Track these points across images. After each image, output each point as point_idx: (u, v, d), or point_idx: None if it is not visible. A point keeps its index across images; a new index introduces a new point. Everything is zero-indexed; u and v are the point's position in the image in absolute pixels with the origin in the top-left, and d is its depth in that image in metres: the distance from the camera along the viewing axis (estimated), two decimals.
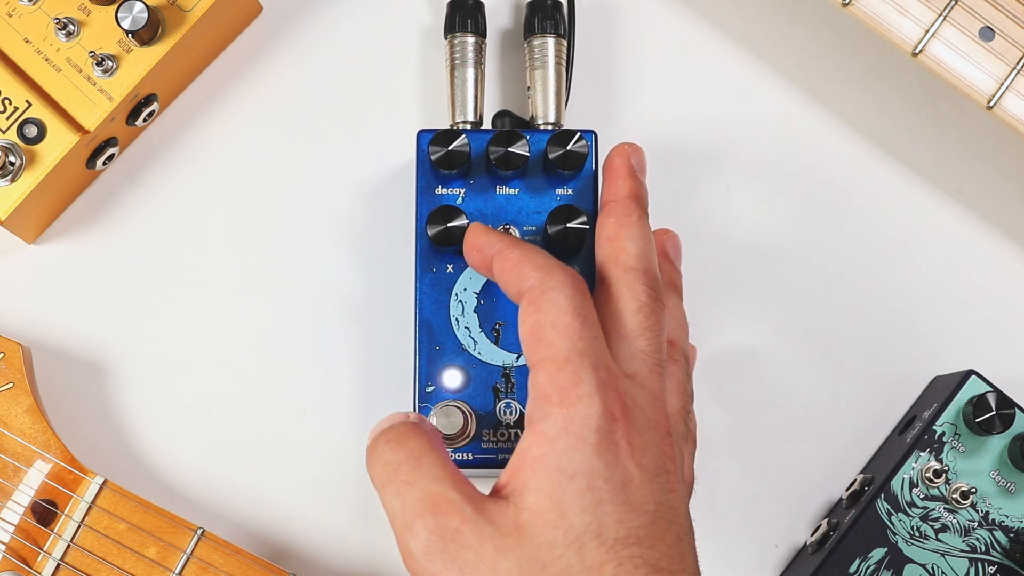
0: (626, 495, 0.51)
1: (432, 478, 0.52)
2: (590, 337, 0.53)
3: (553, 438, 0.52)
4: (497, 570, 0.50)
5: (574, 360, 0.53)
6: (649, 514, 0.51)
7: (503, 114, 0.69)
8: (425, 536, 0.51)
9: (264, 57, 0.72)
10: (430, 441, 0.54)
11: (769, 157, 0.72)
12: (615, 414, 0.52)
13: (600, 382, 0.52)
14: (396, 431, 0.55)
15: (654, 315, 0.56)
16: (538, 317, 0.54)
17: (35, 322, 0.69)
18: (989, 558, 0.65)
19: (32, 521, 0.64)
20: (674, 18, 0.72)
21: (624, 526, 0.51)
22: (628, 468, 0.51)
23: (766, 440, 0.70)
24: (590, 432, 0.51)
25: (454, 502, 0.51)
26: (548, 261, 0.56)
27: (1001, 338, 0.71)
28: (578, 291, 0.55)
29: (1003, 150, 0.72)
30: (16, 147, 0.65)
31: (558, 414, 0.52)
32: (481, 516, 0.51)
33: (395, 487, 0.53)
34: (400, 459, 0.53)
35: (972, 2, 0.63)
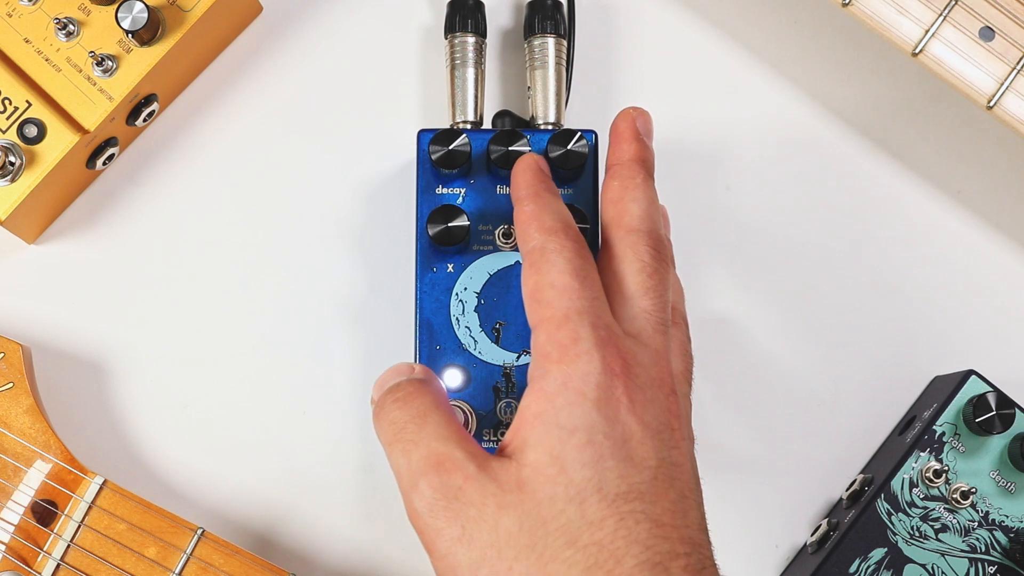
0: (627, 451, 0.51)
1: (437, 436, 0.53)
2: (589, 296, 0.54)
3: (552, 395, 0.52)
4: (499, 526, 0.51)
5: (572, 318, 0.53)
6: (650, 470, 0.51)
7: (503, 114, 0.69)
8: (429, 494, 0.52)
9: (264, 57, 0.72)
10: (436, 399, 0.55)
11: (769, 157, 0.72)
12: (615, 370, 0.52)
13: (599, 339, 0.52)
14: (403, 389, 0.55)
15: (657, 275, 0.56)
16: (537, 279, 0.55)
17: (35, 322, 0.69)
18: (989, 558, 0.65)
19: (32, 521, 0.64)
20: (674, 18, 0.72)
21: (625, 481, 0.51)
22: (628, 424, 0.52)
23: (766, 440, 0.70)
24: (589, 388, 0.52)
25: (457, 460, 0.52)
26: (555, 222, 0.56)
27: (1001, 338, 0.71)
28: (578, 253, 0.55)
29: (1003, 150, 0.72)
30: (16, 147, 0.65)
31: (557, 371, 0.52)
32: (484, 473, 0.51)
33: (401, 445, 0.53)
34: (406, 418, 0.54)
35: (972, 2, 0.63)
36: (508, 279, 0.65)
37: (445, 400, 0.55)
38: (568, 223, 0.57)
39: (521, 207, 0.58)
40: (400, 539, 0.68)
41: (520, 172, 0.60)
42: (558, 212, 0.57)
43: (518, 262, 0.65)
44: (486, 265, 0.65)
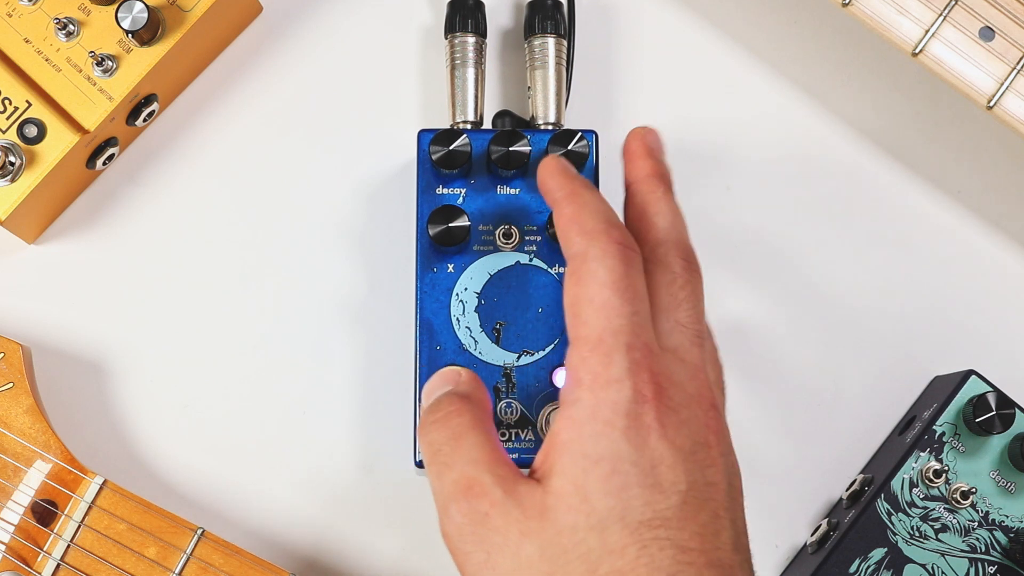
0: (654, 477, 0.50)
1: (469, 460, 0.53)
2: (628, 313, 0.52)
3: (581, 424, 0.51)
4: (520, 553, 0.51)
5: (607, 341, 0.52)
6: (680, 494, 0.51)
7: (503, 114, 0.69)
8: (458, 519, 0.52)
9: (264, 57, 0.72)
10: (474, 418, 0.54)
11: (769, 157, 0.72)
12: (646, 396, 0.51)
13: (633, 363, 0.52)
14: (443, 408, 0.55)
15: (690, 285, 0.55)
16: (577, 291, 0.53)
17: (35, 322, 0.69)
18: (989, 558, 0.65)
19: (32, 521, 0.64)
20: (674, 18, 0.72)
21: (650, 508, 0.50)
22: (658, 450, 0.51)
23: (766, 440, 0.70)
24: (618, 417, 0.51)
25: (486, 485, 0.52)
26: (596, 223, 0.54)
27: (1001, 338, 0.71)
28: (623, 259, 0.53)
29: (1003, 150, 0.72)
30: (16, 147, 0.65)
31: (587, 399, 0.51)
32: (510, 499, 0.51)
33: (436, 468, 0.53)
34: (442, 440, 0.54)
35: (972, 2, 0.63)
36: (508, 279, 0.65)
37: (484, 415, 0.55)
38: (610, 221, 0.55)
39: (560, 210, 0.56)
40: (400, 539, 0.68)
41: (549, 175, 0.58)
42: (598, 210, 0.55)
43: (518, 262, 0.65)
44: (486, 265, 0.65)
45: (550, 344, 0.64)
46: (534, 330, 0.64)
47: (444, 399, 0.55)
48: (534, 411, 0.64)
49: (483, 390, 0.57)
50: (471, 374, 0.57)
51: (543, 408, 0.64)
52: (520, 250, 0.65)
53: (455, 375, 0.57)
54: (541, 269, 0.65)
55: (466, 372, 0.57)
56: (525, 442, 0.64)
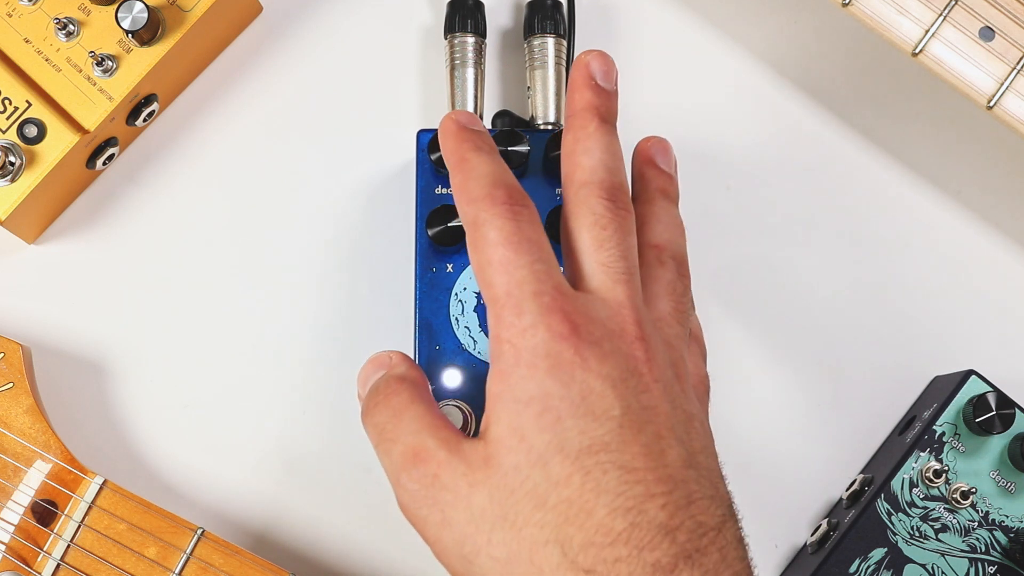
0: (586, 407, 0.51)
1: (411, 431, 0.54)
2: (527, 263, 0.53)
3: (507, 373, 0.53)
4: (472, 504, 0.52)
5: (513, 293, 0.53)
6: (614, 419, 0.51)
7: (503, 114, 0.69)
8: (411, 486, 0.53)
9: (264, 57, 0.72)
10: (412, 393, 0.56)
11: (769, 156, 0.72)
12: (563, 334, 0.52)
13: (542, 307, 0.53)
14: (381, 392, 0.56)
15: (612, 225, 0.55)
16: (477, 258, 0.55)
17: (35, 322, 0.69)
18: (989, 558, 0.65)
19: (32, 521, 0.64)
20: (673, 18, 0.72)
21: (587, 436, 0.51)
22: (585, 381, 0.52)
23: (766, 440, 0.70)
24: (539, 359, 0.52)
25: (430, 449, 0.53)
26: (480, 188, 0.55)
27: (1001, 338, 0.71)
28: (509, 218, 0.54)
29: (1003, 150, 0.72)
30: (16, 147, 0.65)
31: (508, 350, 0.53)
32: (455, 456, 0.53)
33: (384, 446, 0.55)
34: (385, 419, 0.55)
35: (972, 2, 0.63)
36: None
37: (422, 390, 0.56)
38: (495, 182, 0.55)
39: (452, 179, 0.57)
40: (400, 539, 0.68)
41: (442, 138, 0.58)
42: (483, 174, 0.56)
43: None
44: None
45: None
46: None
47: (380, 383, 0.57)
48: None
49: (417, 369, 0.58)
50: (401, 355, 0.58)
51: None
52: None
53: (386, 358, 0.58)
54: None
55: (396, 354, 0.58)
56: None
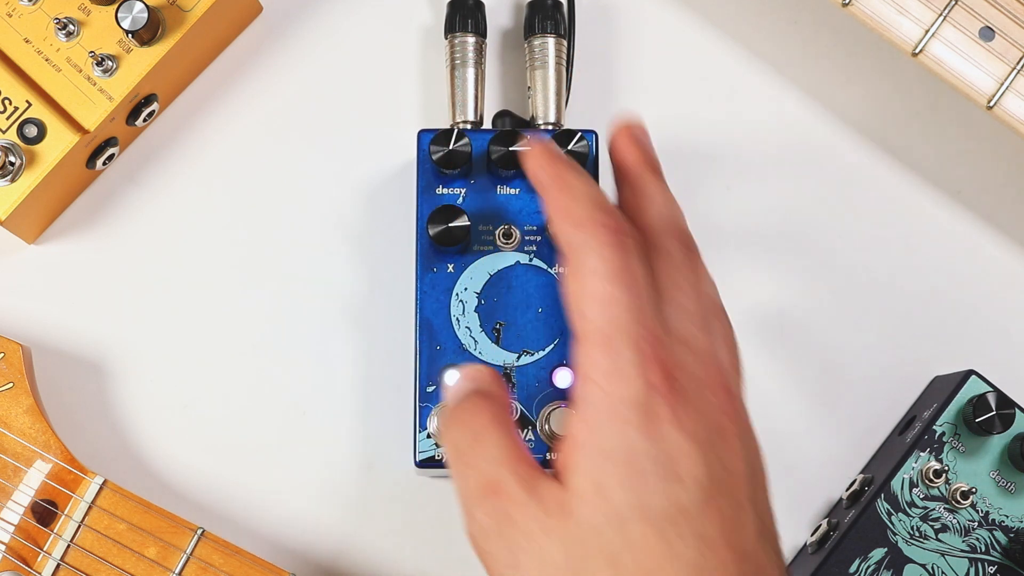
0: (672, 468, 0.50)
1: (490, 459, 0.52)
2: (629, 303, 0.51)
3: (594, 421, 0.51)
4: (544, 551, 0.50)
5: (612, 336, 0.51)
6: (699, 483, 0.50)
7: (503, 114, 0.69)
8: (483, 520, 0.52)
9: (264, 57, 0.72)
10: (494, 416, 0.54)
11: (769, 157, 0.72)
12: (657, 386, 0.51)
13: (640, 355, 0.51)
14: (464, 409, 0.54)
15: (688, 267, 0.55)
16: (575, 286, 0.52)
17: (35, 322, 0.69)
18: (989, 558, 0.65)
19: (32, 521, 0.64)
20: (674, 18, 0.72)
21: (669, 500, 0.50)
22: (674, 441, 0.50)
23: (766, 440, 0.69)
24: (630, 411, 0.50)
25: (507, 486, 0.52)
26: (586, 211, 0.53)
27: (1001, 338, 0.71)
28: (617, 248, 0.52)
29: (1003, 150, 0.72)
30: (16, 147, 0.65)
31: (598, 396, 0.51)
32: (532, 498, 0.51)
33: (459, 468, 0.53)
34: (463, 439, 0.53)
35: (972, 2, 0.63)
36: (508, 279, 0.65)
37: (504, 412, 0.54)
38: (601, 206, 0.53)
39: (548, 199, 0.55)
40: (400, 539, 0.68)
41: (533, 160, 0.56)
42: (587, 196, 0.54)
43: (518, 262, 0.65)
44: (486, 265, 0.65)
45: (550, 344, 0.64)
46: (534, 330, 0.64)
47: (464, 398, 0.55)
48: (534, 411, 0.64)
49: (503, 387, 0.56)
50: (492, 371, 0.56)
51: (543, 408, 0.64)
52: (520, 250, 0.65)
53: (477, 375, 0.56)
54: (541, 269, 0.65)
55: (488, 371, 0.56)
56: (525, 442, 0.64)
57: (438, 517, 0.68)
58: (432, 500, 0.69)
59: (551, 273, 0.65)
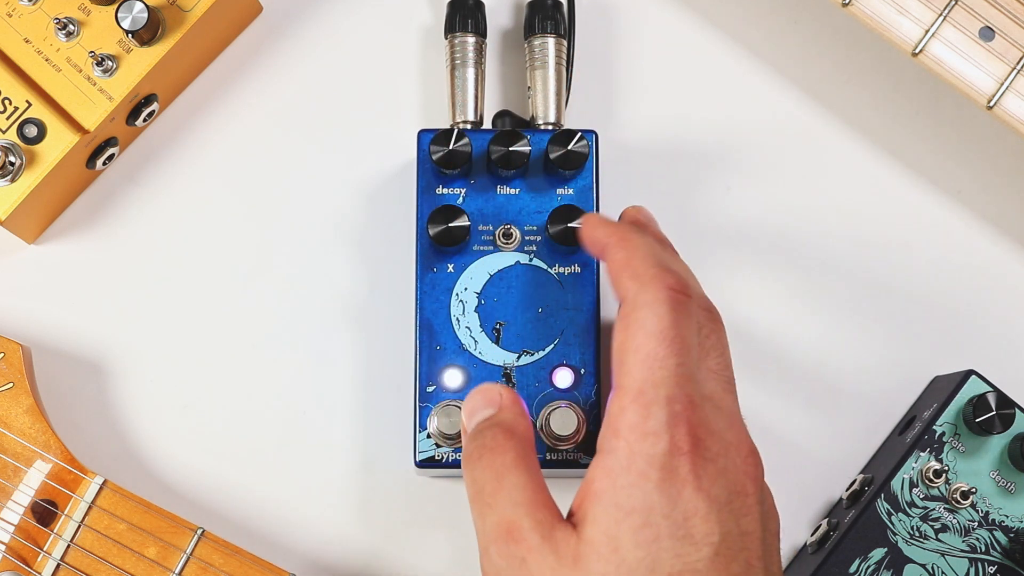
0: (686, 529, 0.51)
1: (510, 502, 0.53)
2: (673, 365, 0.52)
3: (616, 474, 0.52)
4: None
5: (648, 393, 0.52)
6: (712, 546, 0.51)
7: (503, 114, 0.69)
8: (498, 561, 0.53)
9: (264, 57, 0.72)
10: (517, 455, 0.54)
11: (769, 157, 0.72)
12: (683, 449, 0.51)
13: (671, 416, 0.52)
14: (487, 445, 0.55)
15: (715, 334, 0.56)
16: (623, 338, 0.53)
17: (35, 322, 0.69)
18: (989, 558, 0.65)
19: (32, 521, 0.64)
20: (674, 18, 0.72)
21: (680, 560, 0.50)
22: (692, 502, 0.51)
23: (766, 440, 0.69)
24: (653, 470, 0.51)
25: (524, 531, 0.52)
26: (647, 269, 0.54)
27: (1001, 338, 0.71)
28: (673, 307, 0.53)
29: (1003, 150, 0.72)
30: (16, 147, 0.65)
31: (623, 450, 0.52)
32: (546, 545, 0.52)
33: (479, 507, 0.54)
34: (485, 478, 0.54)
35: (972, 2, 0.63)
36: (508, 279, 0.65)
37: (528, 449, 0.55)
38: (662, 265, 0.54)
39: (611, 255, 0.56)
40: (399, 539, 0.68)
41: (594, 226, 0.59)
42: (650, 254, 0.55)
43: (518, 262, 0.65)
44: (486, 265, 0.65)
45: (550, 344, 0.64)
46: (534, 330, 0.64)
47: (488, 433, 0.55)
48: (534, 411, 0.64)
49: (526, 416, 0.57)
50: (512, 396, 0.57)
51: (543, 408, 0.64)
52: (520, 250, 0.65)
53: (496, 396, 0.57)
54: (541, 269, 0.65)
55: (507, 393, 0.57)
56: None
57: (438, 517, 0.68)
58: (432, 500, 0.69)
59: (551, 273, 0.65)
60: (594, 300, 0.65)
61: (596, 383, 0.64)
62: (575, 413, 0.63)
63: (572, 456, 0.63)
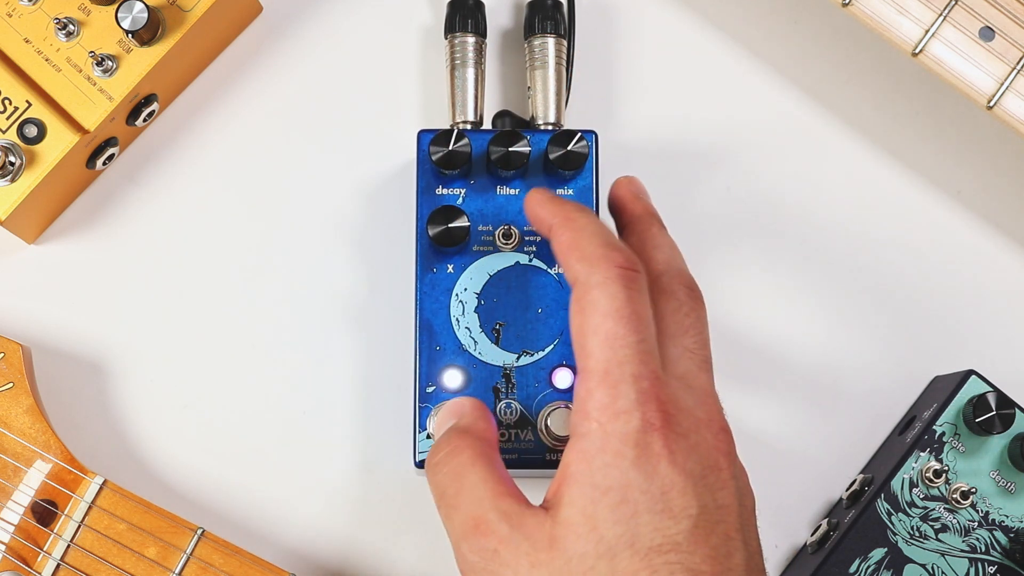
0: (664, 503, 0.51)
1: (473, 499, 0.53)
2: (634, 342, 0.52)
3: (591, 456, 0.52)
4: None
5: (613, 372, 0.52)
6: (691, 519, 0.51)
7: (503, 114, 0.69)
8: (470, 557, 0.53)
9: (264, 57, 0.72)
10: (474, 453, 0.55)
11: (769, 157, 0.72)
12: (654, 424, 0.51)
13: (640, 393, 0.52)
14: (443, 449, 0.55)
15: (694, 312, 0.56)
16: (580, 321, 0.53)
17: (35, 322, 0.69)
18: (989, 558, 0.65)
19: (32, 521, 0.64)
20: (674, 18, 0.72)
21: (660, 534, 0.50)
22: (668, 476, 0.51)
23: (766, 440, 0.70)
24: (627, 448, 0.51)
25: (491, 523, 0.52)
26: (595, 249, 0.54)
27: (1001, 338, 0.71)
28: (625, 284, 0.53)
29: (1003, 150, 0.72)
30: (16, 147, 0.65)
31: (596, 432, 0.52)
32: (517, 533, 0.52)
33: (444, 510, 0.54)
34: (446, 482, 0.54)
35: (972, 2, 0.63)
36: (508, 280, 0.65)
37: (486, 447, 0.55)
38: (610, 243, 0.54)
39: (556, 237, 0.56)
40: (399, 539, 0.68)
41: (537, 204, 0.58)
42: (596, 233, 0.55)
43: (518, 263, 0.65)
44: (486, 266, 0.65)
45: (550, 344, 0.64)
46: (534, 330, 0.64)
47: (443, 439, 0.56)
48: (533, 411, 0.64)
49: (486, 419, 0.57)
50: (474, 403, 0.58)
51: (543, 408, 0.64)
52: (520, 250, 0.65)
53: (459, 407, 0.57)
54: (541, 269, 0.65)
55: (469, 402, 0.58)
56: (524, 443, 0.64)
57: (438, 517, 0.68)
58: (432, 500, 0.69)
59: (551, 273, 0.65)
60: None
61: None
62: None
63: None
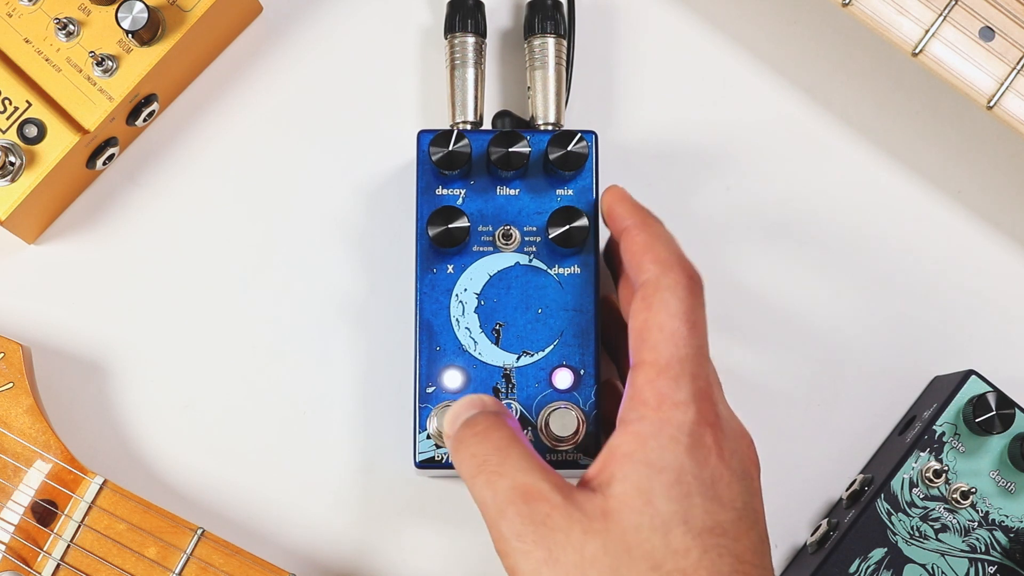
0: (715, 491, 0.53)
1: (520, 468, 0.54)
2: (695, 345, 0.55)
3: (645, 438, 0.54)
4: (584, 551, 0.52)
5: (674, 367, 0.55)
6: (736, 511, 0.53)
7: (503, 114, 0.69)
8: (518, 521, 0.53)
9: (264, 57, 0.72)
10: (514, 433, 0.56)
11: (769, 157, 0.72)
12: (709, 420, 0.54)
13: (697, 390, 0.54)
14: (481, 424, 0.57)
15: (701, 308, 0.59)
16: (647, 316, 0.56)
17: (35, 322, 0.69)
18: (989, 558, 0.65)
19: (32, 521, 0.64)
20: (674, 18, 0.72)
21: (711, 517, 0.53)
22: (717, 468, 0.54)
23: (766, 440, 0.70)
24: (683, 435, 0.54)
25: (544, 491, 0.54)
26: (670, 254, 0.58)
27: (1001, 338, 0.71)
28: (692, 292, 0.56)
29: (1003, 150, 0.72)
30: (16, 147, 0.65)
31: (653, 417, 0.54)
32: (570, 503, 0.53)
33: (485, 477, 0.55)
34: (487, 451, 0.55)
35: (972, 2, 0.63)
36: (508, 280, 0.65)
37: (521, 433, 0.57)
38: (681, 255, 0.58)
39: (631, 237, 0.59)
40: (399, 539, 0.68)
41: (617, 201, 0.61)
42: (670, 241, 0.59)
43: (518, 263, 0.65)
44: (486, 266, 0.65)
45: (550, 345, 0.64)
46: (534, 331, 0.64)
47: (479, 416, 0.57)
48: (534, 412, 0.64)
49: (511, 415, 0.59)
50: (495, 399, 0.59)
51: (543, 409, 0.64)
52: (520, 251, 0.65)
53: (479, 399, 0.58)
54: (541, 270, 0.65)
55: (490, 398, 0.59)
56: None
57: (438, 517, 0.69)
58: (432, 500, 0.69)
59: (551, 274, 0.65)
60: (594, 301, 0.65)
61: (596, 384, 0.64)
62: (575, 414, 0.63)
63: (572, 457, 0.63)
